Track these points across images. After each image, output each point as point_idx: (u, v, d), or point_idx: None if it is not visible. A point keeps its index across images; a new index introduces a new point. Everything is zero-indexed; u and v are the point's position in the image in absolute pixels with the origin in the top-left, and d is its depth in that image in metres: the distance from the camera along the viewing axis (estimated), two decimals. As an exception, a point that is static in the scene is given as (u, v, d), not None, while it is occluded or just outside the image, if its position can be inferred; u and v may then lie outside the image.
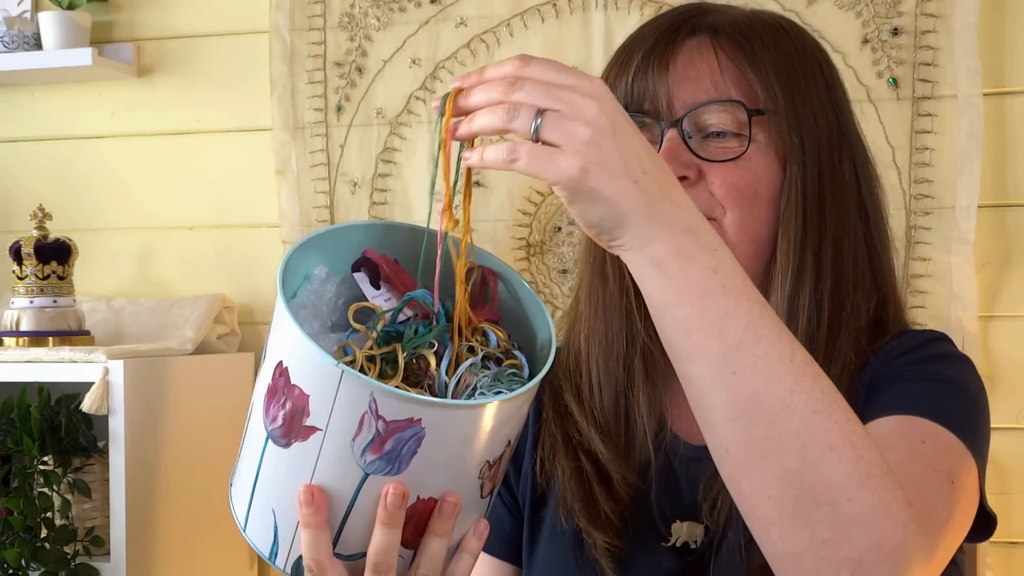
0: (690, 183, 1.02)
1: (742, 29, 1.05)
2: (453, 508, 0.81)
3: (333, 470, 0.79)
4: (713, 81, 1.03)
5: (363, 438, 0.77)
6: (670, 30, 1.06)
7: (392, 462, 0.77)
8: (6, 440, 1.84)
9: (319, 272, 0.86)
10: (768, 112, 1.03)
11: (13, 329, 2.00)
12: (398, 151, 2.15)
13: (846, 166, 1.07)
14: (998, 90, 1.90)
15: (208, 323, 2.11)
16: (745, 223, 1.03)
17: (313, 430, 0.78)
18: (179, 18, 2.27)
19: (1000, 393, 1.89)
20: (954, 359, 1.06)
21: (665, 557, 1.05)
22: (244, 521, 0.86)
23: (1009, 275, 1.91)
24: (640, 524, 1.06)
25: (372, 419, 0.76)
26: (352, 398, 0.76)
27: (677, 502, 1.07)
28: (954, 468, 0.91)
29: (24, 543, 1.81)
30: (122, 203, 2.31)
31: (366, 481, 0.78)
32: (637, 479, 1.07)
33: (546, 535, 1.11)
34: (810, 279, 1.04)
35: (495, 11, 2.09)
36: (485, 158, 0.79)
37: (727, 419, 0.78)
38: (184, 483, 1.98)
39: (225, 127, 2.25)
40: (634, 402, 1.09)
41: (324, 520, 0.80)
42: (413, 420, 0.76)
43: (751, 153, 1.03)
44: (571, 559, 1.07)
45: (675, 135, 1.03)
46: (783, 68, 1.05)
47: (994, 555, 1.87)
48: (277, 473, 0.81)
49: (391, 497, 0.78)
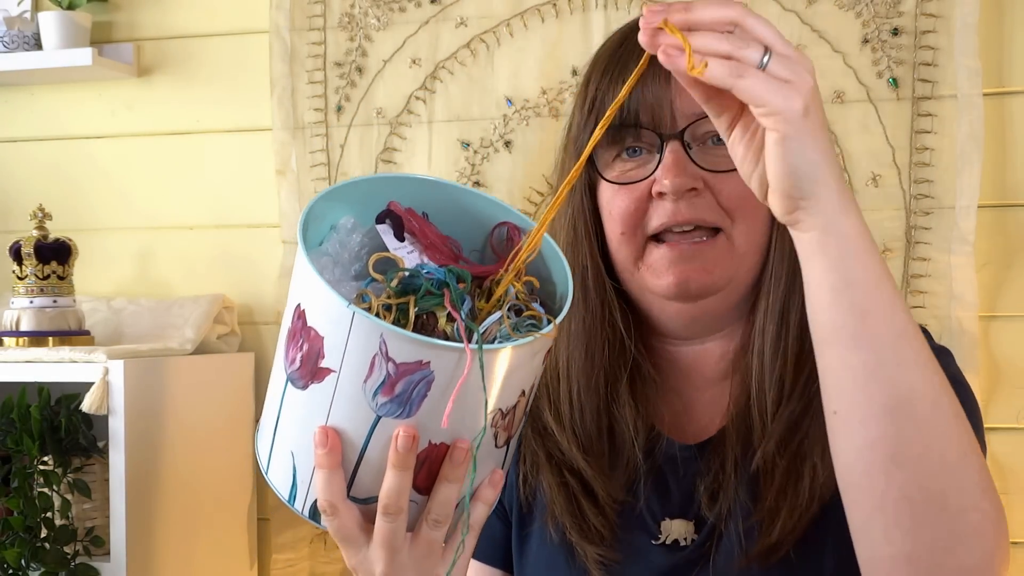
0: (697, 193, 1.01)
1: None
2: (464, 454, 0.81)
3: (347, 412, 0.80)
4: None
5: (374, 380, 0.78)
6: None
7: (403, 404, 0.78)
8: (6, 440, 1.84)
9: (345, 222, 0.88)
10: None
11: (13, 329, 2.00)
12: (398, 151, 2.15)
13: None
14: (998, 90, 1.90)
15: (208, 323, 2.11)
16: (752, 232, 1.03)
17: (328, 372, 0.79)
18: (179, 18, 2.27)
19: (1000, 393, 1.88)
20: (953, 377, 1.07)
21: (655, 555, 1.05)
22: (267, 465, 0.88)
23: (1009, 275, 1.91)
24: (630, 526, 1.06)
25: (383, 360, 0.77)
26: (363, 339, 0.77)
27: (666, 501, 1.06)
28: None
29: (24, 543, 1.81)
30: (122, 203, 2.31)
31: (378, 424, 0.79)
32: (622, 492, 1.06)
33: (535, 545, 1.10)
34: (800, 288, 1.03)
35: (495, 11, 2.09)
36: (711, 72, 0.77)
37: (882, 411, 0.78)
38: (184, 483, 1.98)
39: (225, 127, 2.25)
40: (619, 415, 1.08)
41: (338, 462, 0.81)
42: (422, 363, 0.77)
43: None
44: (562, 566, 1.07)
45: (678, 147, 1.01)
46: None
47: (994, 555, 1.87)
48: (295, 415, 0.83)
49: (401, 439, 0.79)
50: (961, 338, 1.86)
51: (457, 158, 2.11)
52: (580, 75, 2.04)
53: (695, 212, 1.01)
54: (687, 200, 1.01)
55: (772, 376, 1.03)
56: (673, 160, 1.01)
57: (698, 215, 1.01)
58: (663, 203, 1.02)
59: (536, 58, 2.07)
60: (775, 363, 1.03)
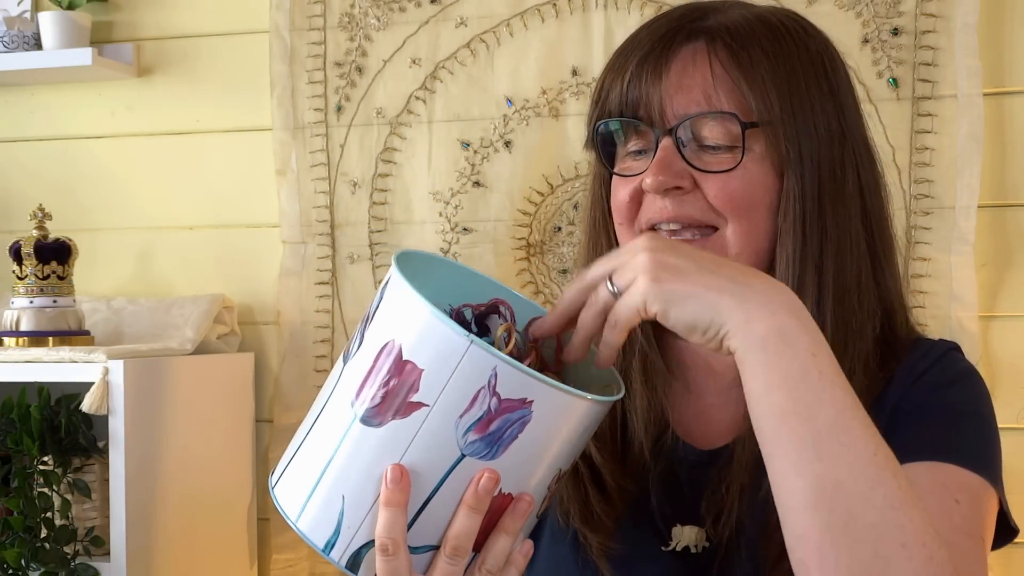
0: (684, 192, 1.01)
1: (740, 34, 1.03)
2: (527, 507, 0.82)
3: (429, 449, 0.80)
4: (705, 92, 1.01)
5: (472, 415, 0.79)
6: (667, 36, 1.04)
7: (492, 444, 0.79)
8: (6, 440, 1.84)
9: None
10: (763, 123, 1.01)
11: (13, 329, 2.00)
12: (398, 151, 2.15)
13: (849, 174, 1.05)
14: (998, 90, 1.90)
15: (208, 323, 2.11)
16: (746, 232, 1.02)
17: (418, 406, 0.79)
18: (179, 18, 2.27)
19: (1000, 393, 1.88)
20: (965, 377, 1.07)
21: (665, 561, 1.04)
22: (299, 512, 0.86)
23: (1009, 275, 1.91)
24: (640, 527, 1.06)
25: (487, 394, 0.78)
26: (472, 371, 0.78)
27: (679, 506, 1.06)
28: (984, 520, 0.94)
29: (24, 543, 1.81)
30: (122, 203, 2.31)
31: (460, 463, 0.80)
32: (633, 483, 1.06)
33: (547, 536, 1.11)
34: (812, 294, 1.01)
35: (495, 11, 2.09)
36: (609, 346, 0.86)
37: (807, 505, 0.79)
38: (184, 483, 1.98)
39: (225, 127, 2.25)
40: (632, 406, 1.08)
41: (406, 501, 0.81)
42: (526, 401, 0.78)
43: (746, 163, 1.01)
44: (571, 560, 1.07)
45: (669, 143, 1.02)
46: (781, 76, 1.02)
47: (994, 555, 1.86)
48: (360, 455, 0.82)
49: (485, 481, 0.80)
50: (961, 338, 1.86)
51: (457, 158, 2.11)
52: (580, 75, 2.05)
53: (680, 210, 1.02)
54: (673, 198, 1.02)
55: None
56: (660, 157, 1.02)
57: (683, 213, 1.01)
58: (652, 199, 1.03)
59: (536, 58, 2.07)
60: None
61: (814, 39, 1.08)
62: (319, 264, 2.19)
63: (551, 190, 2.07)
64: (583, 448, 0.86)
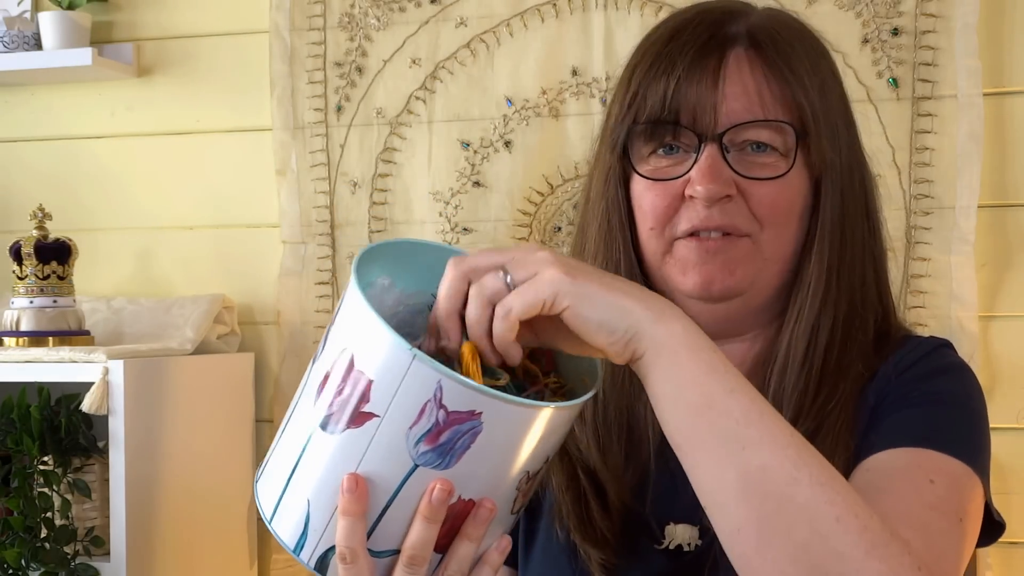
0: (730, 200, 1.02)
1: (779, 40, 1.04)
2: (489, 513, 0.81)
3: (383, 459, 0.80)
4: (760, 98, 1.02)
5: (421, 427, 0.78)
6: (714, 40, 1.03)
7: (444, 455, 0.78)
8: (6, 440, 1.84)
9: (382, 281, 0.89)
10: (810, 132, 1.03)
11: (13, 329, 2.00)
12: (398, 151, 2.15)
13: (856, 177, 1.07)
14: (998, 90, 1.90)
15: (208, 323, 2.11)
16: (780, 240, 1.03)
17: (370, 416, 0.79)
18: (179, 18, 2.27)
19: (1000, 393, 1.88)
20: (955, 371, 1.06)
21: (658, 560, 1.04)
22: (272, 513, 0.87)
23: (1009, 275, 1.91)
24: (634, 529, 1.06)
25: (434, 407, 0.77)
26: (418, 384, 0.77)
27: (672, 504, 1.06)
28: (962, 503, 0.92)
29: (24, 543, 1.81)
30: (122, 203, 2.31)
31: (414, 473, 0.79)
32: (632, 496, 1.07)
33: (541, 542, 1.11)
34: (832, 299, 1.04)
35: (495, 11, 2.09)
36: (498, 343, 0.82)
37: (737, 497, 0.79)
38: (184, 483, 1.98)
39: (225, 127, 2.25)
40: (641, 412, 1.08)
41: (364, 510, 0.81)
42: (474, 413, 0.77)
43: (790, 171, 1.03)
44: (565, 566, 1.07)
45: (715, 151, 1.01)
46: (817, 82, 1.04)
47: (994, 555, 1.87)
48: (320, 461, 0.82)
49: (437, 493, 0.79)
50: (961, 338, 1.86)
51: (457, 158, 2.11)
52: (580, 75, 2.05)
53: (725, 219, 1.02)
54: (719, 206, 1.01)
55: (793, 392, 1.03)
56: (709, 164, 1.01)
57: (728, 222, 1.02)
58: (694, 206, 1.02)
59: (536, 58, 2.07)
60: (799, 380, 1.03)
61: (821, 42, 1.10)
62: (319, 264, 2.19)
63: (551, 190, 2.07)
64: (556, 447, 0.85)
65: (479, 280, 0.81)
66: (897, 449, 0.95)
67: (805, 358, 1.03)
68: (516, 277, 0.81)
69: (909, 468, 0.93)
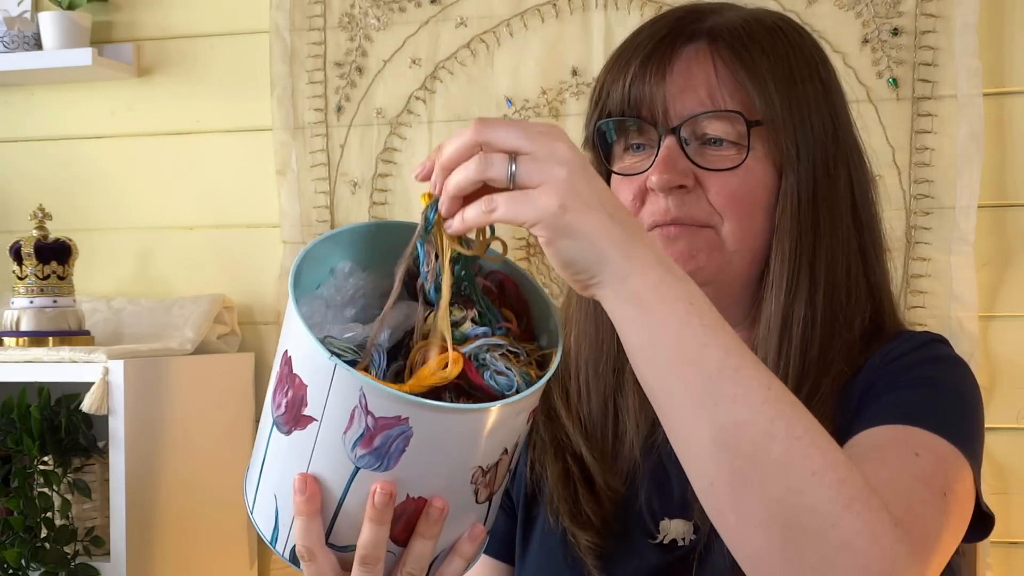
0: (687, 191, 1.02)
1: (740, 35, 1.05)
2: (439, 513, 0.81)
3: (327, 461, 0.80)
4: (710, 91, 1.03)
5: (353, 432, 0.78)
6: (669, 36, 1.05)
7: (381, 458, 0.78)
8: (6, 440, 1.84)
9: (342, 266, 0.88)
10: (766, 122, 1.03)
11: (13, 329, 2.00)
12: (398, 151, 2.15)
13: (841, 172, 1.07)
14: (998, 90, 1.90)
15: (208, 323, 2.11)
16: (744, 231, 1.03)
17: (310, 420, 0.79)
18: (179, 18, 2.27)
19: (1000, 393, 1.89)
20: (948, 361, 1.06)
21: (652, 554, 1.05)
22: (252, 504, 0.88)
23: (1009, 275, 1.91)
24: (628, 522, 1.07)
25: (362, 414, 0.77)
26: (344, 392, 0.77)
27: (667, 500, 1.07)
28: (948, 479, 0.91)
29: (24, 543, 1.81)
30: (122, 203, 2.31)
31: (357, 475, 0.79)
32: (621, 483, 1.07)
33: (538, 534, 1.11)
34: (805, 290, 1.03)
35: (495, 11, 2.09)
36: (466, 219, 0.80)
37: (711, 451, 0.78)
38: (184, 483, 1.98)
39: (225, 127, 2.25)
40: (624, 404, 1.09)
41: (317, 509, 0.81)
42: (400, 418, 0.77)
43: (749, 162, 1.03)
44: (560, 557, 1.07)
45: (673, 143, 1.02)
46: (781, 76, 1.04)
47: (994, 555, 1.87)
48: (279, 460, 0.83)
49: (378, 496, 0.79)
50: (961, 338, 1.86)
51: (457, 158, 2.11)
52: (580, 75, 2.05)
53: (683, 210, 1.02)
54: (676, 197, 1.02)
55: None
56: (664, 156, 1.02)
57: (686, 213, 1.02)
58: (656, 198, 1.03)
59: (536, 58, 2.07)
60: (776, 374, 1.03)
61: (806, 39, 1.10)
62: (319, 264, 2.19)
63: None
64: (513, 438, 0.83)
65: (488, 156, 0.78)
66: (882, 426, 0.94)
67: (780, 353, 1.03)
68: (519, 177, 0.78)
69: (894, 442, 0.92)
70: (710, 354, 0.78)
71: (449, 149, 0.80)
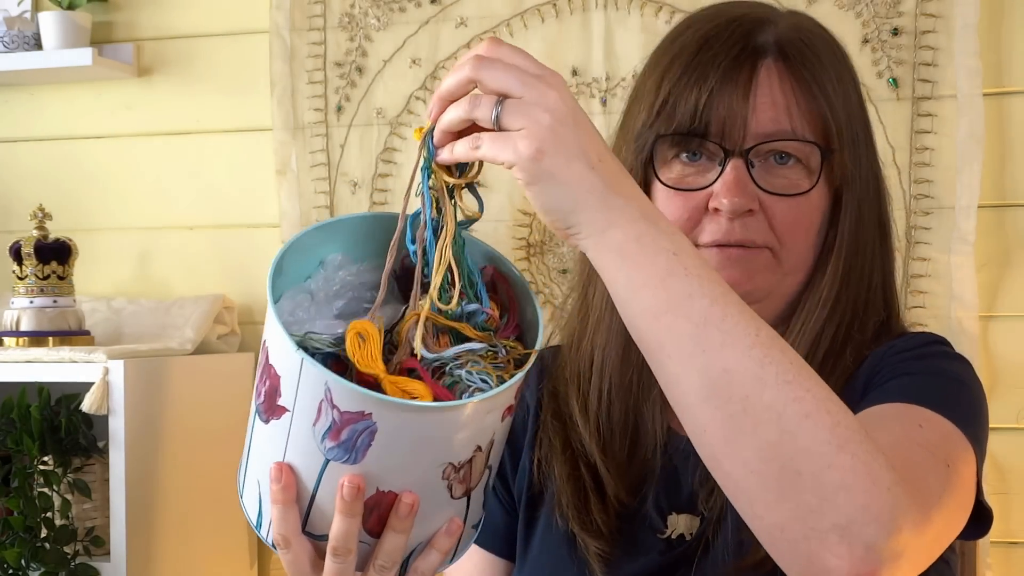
0: (752, 215, 1.02)
1: (807, 54, 1.04)
2: (408, 508, 0.81)
3: (300, 452, 0.81)
4: (788, 114, 1.02)
5: (322, 424, 0.79)
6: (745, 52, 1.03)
7: (349, 451, 0.79)
8: (6, 440, 1.84)
9: (333, 258, 0.88)
10: (837, 151, 1.04)
11: (13, 329, 2.00)
12: (398, 151, 2.15)
13: (873, 188, 1.08)
14: (998, 90, 1.90)
15: (208, 323, 2.11)
16: (800, 255, 1.04)
17: (284, 410, 0.80)
18: (179, 18, 2.27)
19: (1000, 393, 1.89)
20: (954, 358, 1.07)
21: (658, 550, 1.05)
22: (242, 489, 0.89)
23: (1009, 275, 1.91)
24: (635, 522, 1.07)
25: (328, 407, 0.78)
26: (311, 385, 0.78)
27: (675, 496, 1.07)
28: (951, 454, 0.90)
29: (24, 543, 1.81)
30: (122, 203, 2.31)
31: (327, 466, 0.80)
32: (633, 495, 1.07)
33: (541, 532, 1.11)
34: (840, 308, 1.05)
35: (495, 11, 2.09)
36: (455, 152, 0.82)
37: (701, 399, 0.78)
38: (184, 483, 1.98)
39: (225, 127, 2.25)
40: (648, 415, 1.08)
41: (292, 498, 0.82)
42: (364, 414, 0.77)
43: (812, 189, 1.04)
44: (565, 556, 1.07)
45: (741, 165, 1.02)
46: (842, 97, 1.05)
47: (994, 555, 1.87)
48: (260, 447, 0.84)
49: (346, 489, 0.80)
50: (961, 338, 1.86)
51: (457, 158, 2.11)
52: (580, 75, 2.05)
53: (746, 234, 1.03)
54: (741, 220, 1.02)
55: None
56: (734, 178, 1.01)
57: (749, 237, 1.03)
58: (717, 219, 1.03)
59: (536, 58, 2.07)
60: None
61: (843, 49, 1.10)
62: (319, 264, 2.19)
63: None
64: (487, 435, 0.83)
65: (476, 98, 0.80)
66: (886, 404, 0.94)
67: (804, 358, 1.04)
68: (503, 120, 0.79)
69: (898, 414, 0.92)
70: (696, 304, 0.78)
71: (447, 82, 0.82)
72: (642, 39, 1.99)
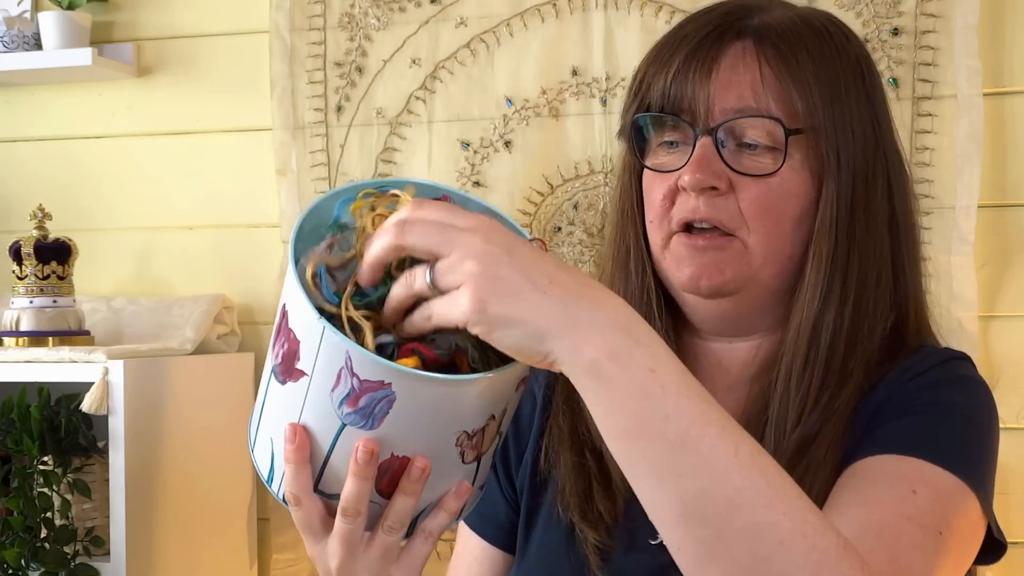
0: (719, 193, 1.02)
1: (788, 36, 1.03)
2: (420, 473, 0.82)
3: (316, 415, 0.82)
4: (754, 92, 1.02)
5: (340, 391, 0.80)
6: (715, 32, 1.04)
7: (366, 418, 0.80)
8: (6, 440, 1.84)
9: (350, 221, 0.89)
10: (806, 130, 1.02)
11: (13, 329, 2.00)
12: (398, 151, 2.15)
13: (879, 181, 1.06)
14: (998, 90, 1.90)
15: (208, 323, 2.11)
16: (770, 242, 1.03)
17: (302, 374, 0.81)
18: (179, 18, 2.27)
19: (1000, 393, 1.87)
20: (965, 382, 1.05)
21: (650, 552, 1.05)
22: (253, 444, 0.90)
23: (1009, 275, 1.91)
24: (635, 521, 1.06)
25: (348, 375, 0.79)
26: (332, 352, 0.79)
27: None
28: (946, 517, 0.90)
29: (24, 543, 1.81)
30: (122, 203, 2.31)
31: (343, 431, 0.81)
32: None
33: (542, 523, 1.11)
34: (836, 299, 1.03)
35: (495, 11, 2.09)
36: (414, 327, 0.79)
37: (675, 520, 0.77)
38: (184, 483, 1.98)
39: (225, 127, 2.25)
40: None
41: (305, 458, 0.83)
42: (384, 383, 0.78)
43: (784, 171, 1.02)
44: (563, 549, 1.08)
45: (708, 143, 1.02)
46: (826, 82, 1.03)
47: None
48: (275, 406, 0.85)
49: (360, 453, 0.80)
50: (961, 338, 1.86)
51: (457, 158, 2.11)
52: (580, 75, 2.05)
53: (712, 212, 1.02)
54: (707, 198, 1.02)
55: (797, 395, 1.02)
56: (699, 155, 1.02)
57: (715, 215, 1.02)
58: (687, 197, 1.03)
59: (536, 58, 2.07)
60: (801, 383, 1.02)
61: (853, 44, 1.08)
62: (319, 264, 2.19)
63: (551, 190, 2.07)
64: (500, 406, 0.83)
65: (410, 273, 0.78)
66: (887, 456, 0.94)
67: (807, 361, 1.03)
68: (439, 284, 0.76)
69: (893, 476, 0.92)
70: (672, 426, 0.75)
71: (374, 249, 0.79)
72: (642, 39, 1.99)
